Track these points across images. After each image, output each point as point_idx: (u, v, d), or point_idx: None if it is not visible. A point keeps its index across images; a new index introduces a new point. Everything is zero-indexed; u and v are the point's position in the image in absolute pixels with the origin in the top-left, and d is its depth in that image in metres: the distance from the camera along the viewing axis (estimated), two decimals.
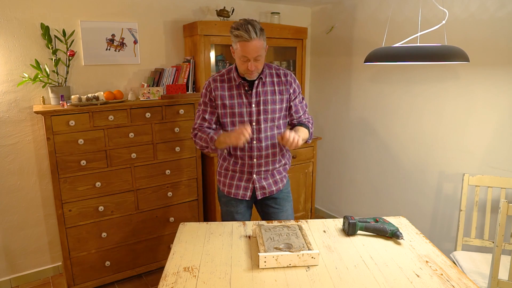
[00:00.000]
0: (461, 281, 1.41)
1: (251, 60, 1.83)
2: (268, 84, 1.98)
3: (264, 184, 2.08)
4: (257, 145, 1.99)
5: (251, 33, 1.76)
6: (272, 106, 1.97)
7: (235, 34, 1.80)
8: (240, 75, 1.95)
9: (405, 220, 1.97)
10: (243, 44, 1.79)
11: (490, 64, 2.52)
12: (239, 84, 1.95)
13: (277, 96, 1.99)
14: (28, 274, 2.91)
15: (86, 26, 2.80)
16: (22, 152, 2.75)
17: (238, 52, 1.84)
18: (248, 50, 1.80)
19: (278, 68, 2.03)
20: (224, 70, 2.02)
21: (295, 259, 1.51)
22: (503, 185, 2.39)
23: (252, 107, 1.96)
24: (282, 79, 2.00)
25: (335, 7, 3.68)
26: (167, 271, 1.48)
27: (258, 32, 1.78)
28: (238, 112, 1.96)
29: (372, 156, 3.51)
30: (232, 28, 1.82)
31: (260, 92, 1.96)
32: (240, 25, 1.78)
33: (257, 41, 1.79)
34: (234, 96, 1.96)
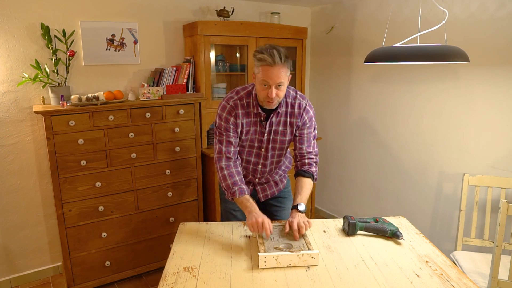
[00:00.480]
0: (461, 281, 1.41)
1: (272, 87, 1.72)
2: (283, 114, 1.90)
3: (266, 187, 2.12)
4: (261, 169, 2.02)
5: (276, 57, 1.67)
6: (281, 137, 1.94)
7: (258, 58, 1.71)
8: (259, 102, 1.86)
9: (405, 220, 1.97)
10: (266, 69, 1.69)
11: (490, 64, 2.52)
12: (257, 113, 1.87)
13: (288, 128, 1.93)
14: (28, 274, 2.91)
15: (86, 26, 2.80)
16: (22, 152, 2.75)
17: (259, 76, 1.73)
18: (270, 75, 1.70)
19: (294, 97, 1.92)
20: (243, 92, 1.90)
21: (295, 259, 1.51)
22: (503, 185, 2.39)
23: (264, 136, 1.92)
24: (295, 111, 1.90)
25: (335, 7, 3.68)
26: (167, 271, 1.48)
27: (283, 58, 1.69)
28: (250, 139, 1.93)
29: (372, 156, 3.51)
30: (256, 51, 1.74)
31: (274, 123, 1.90)
32: (265, 49, 1.70)
33: (280, 67, 1.69)
34: (250, 123, 1.90)
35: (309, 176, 1.91)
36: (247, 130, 1.91)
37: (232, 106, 1.87)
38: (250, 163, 2.00)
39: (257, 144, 1.94)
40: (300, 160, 1.95)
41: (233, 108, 1.87)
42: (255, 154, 1.97)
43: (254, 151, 1.97)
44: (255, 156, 1.98)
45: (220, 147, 1.89)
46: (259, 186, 2.11)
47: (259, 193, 2.11)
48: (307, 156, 1.94)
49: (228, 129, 1.87)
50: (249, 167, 2.02)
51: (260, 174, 2.04)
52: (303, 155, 1.94)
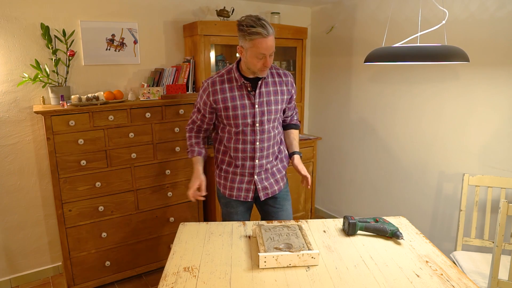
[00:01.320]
0: (461, 281, 1.41)
1: (267, 56, 1.78)
2: (270, 84, 1.95)
3: (266, 185, 2.07)
4: (260, 146, 1.98)
5: (268, 28, 1.72)
6: (274, 107, 1.96)
7: (250, 32, 1.71)
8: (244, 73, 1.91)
9: (405, 220, 1.97)
10: (260, 41, 1.73)
11: (490, 64, 2.52)
12: (241, 85, 1.91)
13: (279, 96, 1.98)
14: (28, 274, 2.91)
15: (86, 26, 2.80)
16: (22, 152, 2.75)
17: (253, 50, 1.76)
18: (265, 46, 1.75)
19: (277, 68, 2.02)
20: (224, 70, 1.96)
21: (295, 259, 1.51)
22: (503, 185, 2.39)
23: (255, 108, 1.92)
24: (283, 79, 1.99)
25: (335, 7, 3.68)
26: (167, 271, 1.48)
27: (271, 27, 1.75)
28: (241, 114, 1.92)
29: (372, 156, 3.51)
30: (244, 25, 1.73)
31: (264, 93, 1.93)
32: (253, 21, 1.72)
33: (272, 37, 1.76)
34: (236, 97, 1.91)
35: (298, 128, 2.22)
36: (234, 105, 1.92)
37: (208, 83, 1.95)
38: (247, 143, 1.97)
39: (250, 119, 1.93)
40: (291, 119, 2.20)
41: (208, 86, 1.94)
42: (250, 132, 1.95)
43: (248, 129, 1.95)
44: (251, 134, 1.96)
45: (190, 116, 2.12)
46: (259, 180, 2.04)
47: (260, 191, 2.06)
48: (295, 116, 2.23)
49: (200, 105, 2.01)
50: (246, 148, 1.98)
51: (260, 152, 1.99)
52: (293, 116, 2.22)
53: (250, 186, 2.06)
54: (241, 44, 1.81)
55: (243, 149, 1.99)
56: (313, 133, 4.16)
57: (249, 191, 2.06)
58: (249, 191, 2.06)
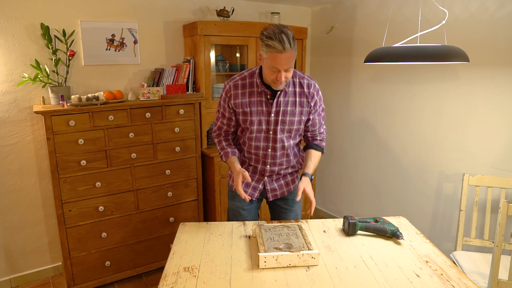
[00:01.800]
0: (461, 281, 1.41)
1: (281, 71, 1.70)
2: (290, 94, 1.88)
3: (276, 186, 2.06)
4: (271, 153, 1.96)
5: (285, 44, 1.62)
6: (290, 118, 1.90)
7: (267, 44, 1.65)
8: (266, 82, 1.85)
9: (405, 220, 1.97)
10: (275, 55, 1.66)
11: (490, 64, 2.52)
12: (261, 92, 1.86)
13: (297, 108, 1.90)
14: (28, 274, 2.91)
15: (86, 26, 2.80)
16: (22, 152, 2.75)
17: (268, 62, 1.71)
18: (280, 62, 1.67)
19: (302, 77, 1.92)
20: (247, 73, 1.90)
21: (295, 259, 1.51)
22: (503, 185, 2.39)
23: (271, 117, 1.88)
24: (304, 91, 1.89)
25: (335, 7, 3.68)
26: (167, 271, 1.48)
27: (292, 43, 1.65)
28: (256, 120, 1.89)
29: (372, 156, 3.51)
30: (264, 36, 1.67)
31: (281, 102, 1.87)
32: (273, 33, 1.63)
33: (290, 52, 1.66)
34: (254, 103, 1.88)
35: (320, 150, 2.02)
36: (251, 111, 1.88)
37: (230, 86, 1.91)
38: (259, 149, 1.95)
39: (265, 126, 1.90)
40: (312, 137, 2.03)
41: (230, 89, 1.91)
42: (264, 138, 1.93)
43: (262, 136, 1.93)
44: (264, 140, 1.93)
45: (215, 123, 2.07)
46: (269, 182, 2.04)
47: (268, 192, 2.05)
48: (319, 136, 2.04)
49: (224, 109, 1.97)
50: (259, 153, 1.96)
51: (271, 159, 1.97)
52: (316, 135, 2.03)
53: (258, 185, 2.05)
54: (260, 52, 1.76)
55: (255, 153, 1.98)
56: None
57: (256, 190, 2.05)
58: (256, 190, 2.05)
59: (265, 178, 2.03)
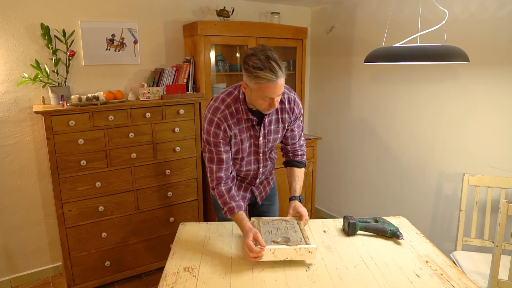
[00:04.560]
0: (461, 281, 1.41)
1: (274, 98, 1.61)
2: (272, 113, 1.82)
3: (261, 189, 2.12)
4: (262, 171, 1.99)
5: (277, 72, 1.52)
6: (274, 136, 1.89)
7: (256, 75, 1.52)
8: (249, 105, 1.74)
9: (405, 220, 1.97)
10: (268, 85, 1.54)
11: (490, 64, 2.52)
12: (248, 119, 1.76)
13: (280, 124, 1.87)
14: (28, 274, 2.91)
15: (86, 26, 2.80)
16: (22, 152, 2.75)
17: (259, 93, 1.58)
18: (274, 91, 1.56)
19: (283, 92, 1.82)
20: (229, 99, 1.74)
21: (292, 252, 1.50)
22: (503, 185, 2.39)
23: (259, 141, 1.84)
24: (285, 106, 1.84)
25: (335, 7, 3.68)
26: (167, 271, 1.48)
27: (282, 67, 1.54)
28: (247, 146, 1.84)
29: (372, 156, 3.51)
30: (250, 66, 1.53)
31: (266, 124, 1.82)
32: (261, 63, 1.50)
33: (282, 79, 1.56)
34: (243, 130, 1.78)
35: (303, 166, 2.00)
36: (241, 139, 1.80)
37: (220, 118, 1.72)
38: (251, 170, 1.96)
39: (254, 149, 1.88)
40: (293, 153, 2.00)
41: (221, 121, 1.72)
42: (254, 160, 1.92)
43: (252, 158, 1.91)
44: (254, 163, 1.93)
45: (211, 168, 1.78)
46: (256, 188, 2.09)
47: (257, 197, 2.10)
48: (300, 150, 2.00)
49: (218, 145, 1.74)
50: (249, 174, 1.97)
51: (262, 175, 2.03)
52: (296, 149, 2.00)
53: (246, 194, 2.07)
54: (245, 81, 1.61)
55: (246, 174, 1.98)
56: (313, 133, 4.16)
57: (244, 199, 2.07)
58: (244, 199, 2.07)
59: (252, 186, 2.07)
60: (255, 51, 1.54)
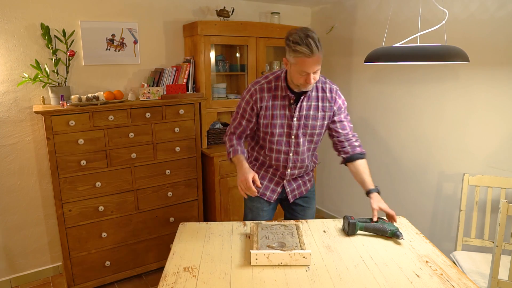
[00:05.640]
0: (461, 281, 1.40)
1: (310, 73, 1.72)
2: (313, 99, 1.89)
3: (294, 187, 2.08)
4: (293, 157, 1.96)
5: (313, 47, 1.64)
6: (312, 122, 1.90)
7: (294, 49, 1.67)
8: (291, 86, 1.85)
9: (405, 220, 1.97)
10: (303, 60, 1.67)
11: (490, 64, 2.52)
12: (285, 96, 1.86)
13: (320, 112, 1.90)
14: (28, 274, 2.91)
15: (86, 26, 2.80)
16: (22, 152, 2.75)
17: (296, 67, 1.71)
18: (309, 66, 1.69)
19: (324, 82, 1.93)
20: (272, 76, 1.91)
21: (287, 258, 1.51)
22: (503, 185, 2.39)
23: (293, 121, 1.88)
24: (327, 95, 1.91)
25: (335, 7, 3.68)
26: (167, 271, 1.48)
27: (319, 45, 1.67)
28: (279, 124, 1.89)
29: (372, 156, 3.51)
30: (290, 40, 1.68)
31: (304, 107, 1.87)
32: (300, 38, 1.65)
33: (317, 55, 1.68)
34: (277, 106, 1.88)
35: (365, 157, 2.00)
36: (273, 114, 1.88)
37: (256, 89, 1.89)
38: (281, 153, 1.94)
39: (287, 130, 1.90)
40: (350, 144, 2.00)
41: (256, 92, 1.88)
42: (285, 142, 1.92)
43: (284, 140, 1.92)
44: (285, 145, 1.93)
45: (231, 124, 2.03)
46: (288, 184, 2.05)
47: (289, 194, 2.07)
48: (354, 139, 2.01)
49: (245, 112, 1.93)
50: (280, 157, 1.96)
51: (292, 163, 1.97)
52: (350, 139, 2.00)
53: (277, 188, 2.06)
54: (286, 56, 1.76)
55: (276, 158, 1.97)
56: None
57: (274, 192, 2.06)
58: (274, 192, 2.06)
59: (284, 181, 2.05)
60: (298, 29, 1.70)
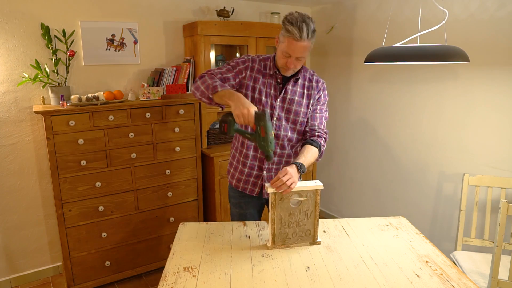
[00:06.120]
0: (461, 281, 1.40)
1: (292, 57, 1.75)
2: (299, 85, 1.93)
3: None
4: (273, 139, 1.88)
5: (303, 33, 1.66)
6: (296, 108, 1.91)
7: (286, 28, 1.70)
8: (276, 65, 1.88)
9: (405, 220, 1.97)
10: (290, 41, 1.70)
11: (490, 64, 2.52)
12: (273, 74, 1.89)
13: (304, 99, 1.92)
14: (28, 274, 2.91)
15: (86, 26, 2.80)
16: (22, 152, 2.75)
17: (283, 46, 1.75)
18: (293, 48, 1.71)
19: (312, 74, 1.99)
20: (262, 56, 1.95)
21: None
22: (503, 185, 2.39)
23: (277, 101, 1.88)
24: (313, 84, 1.95)
25: (335, 7, 3.68)
26: (167, 271, 1.48)
27: (310, 34, 1.69)
28: (263, 100, 1.88)
29: (372, 156, 3.51)
30: (286, 20, 1.71)
31: (289, 90, 1.89)
32: (295, 20, 1.68)
33: (306, 43, 1.70)
34: (265, 83, 1.89)
35: (317, 146, 1.87)
36: (259, 89, 1.88)
37: (251, 58, 1.91)
38: None
39: (269, 109, 1.88)
40: (310, 133, 1.94)
41: (249, 61, 1.90)
42: None
43: None
44: None
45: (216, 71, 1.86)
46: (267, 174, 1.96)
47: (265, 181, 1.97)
48: (318, 131, 1.94)
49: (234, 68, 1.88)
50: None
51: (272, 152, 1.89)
52: (314, 129, 1.94)
53: (258, 181, 2.00)
54: (279, 35, 1.79)
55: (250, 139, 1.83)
56: None
57: (256, 186, 1.99)
58: (256, 186, 1.99)
59: (264, 173, 1.97)
60: (298, 12, 1.72)
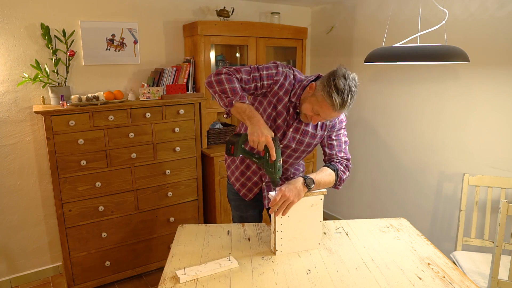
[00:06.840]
0: (463, 283, 1.40)
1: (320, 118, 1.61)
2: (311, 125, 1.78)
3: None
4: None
5: (345, 108, 1.52)
6: (309, 140, 1.79)
7: (329, 92, 1.50)
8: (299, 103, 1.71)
9: (406, 221, 1.96)
10: (327, 107, 1.53)
11: (490, 64, 2.52)
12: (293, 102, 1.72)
13: (319, 131, 1.79)
14: (28, 274, 2.91)
15: (86, 26, 2.79)
16: (22, 152, 2.75)
17: (316, 105, 1.57)
18: (328, 114, 1.57)
19: None
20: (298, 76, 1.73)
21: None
22: (503, 185, 2.39)
23: (289, 130, 1.75)
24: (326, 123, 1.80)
25: (335, 7, 3.68)
26: (165, 275, 1.47)
27: (350, 106, 1.53)
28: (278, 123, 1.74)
29: (372, 156, 3.51)
30: (333, 81, 1.50)
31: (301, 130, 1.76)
32: (342, 89, 1.48)
33: (340, 113, 1.58)
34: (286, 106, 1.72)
35: (333, 169, 1.77)
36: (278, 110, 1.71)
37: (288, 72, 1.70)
38: None
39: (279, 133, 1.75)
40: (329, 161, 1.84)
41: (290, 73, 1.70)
42: None
43: None
44: None
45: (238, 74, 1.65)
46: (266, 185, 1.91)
47: (265, 199, 1.93)
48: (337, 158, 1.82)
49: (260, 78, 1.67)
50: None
51: None
52: (332, 160, 1.82)
53: (254, 188, 1.94)
54: (319, 85, 1.58)
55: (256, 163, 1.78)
56: None
57: (251, 192, 1.95)
58: (251, 192, 1.95)
59: (263, 184, 1.92)
60: (348, 76, 1.52)
